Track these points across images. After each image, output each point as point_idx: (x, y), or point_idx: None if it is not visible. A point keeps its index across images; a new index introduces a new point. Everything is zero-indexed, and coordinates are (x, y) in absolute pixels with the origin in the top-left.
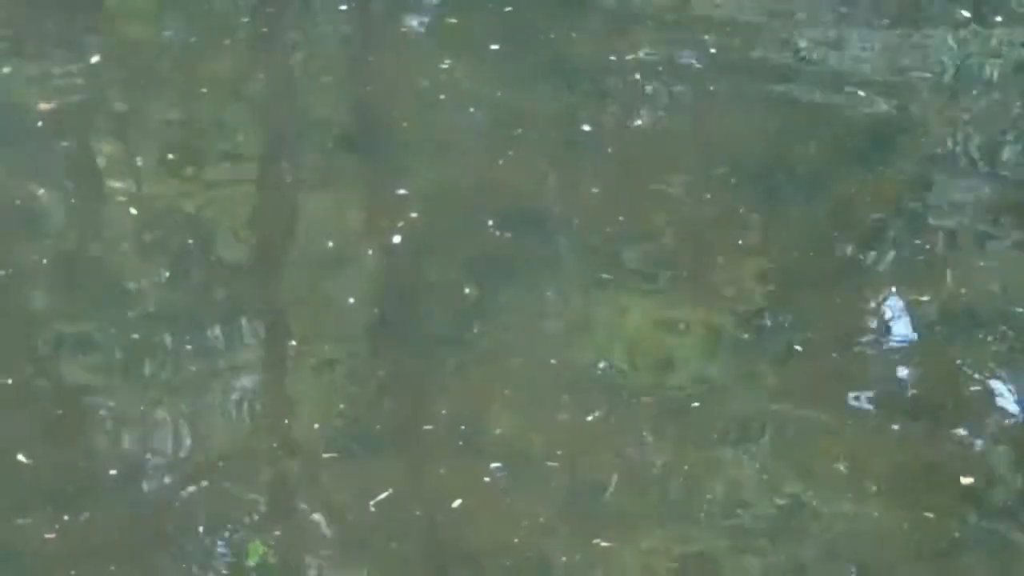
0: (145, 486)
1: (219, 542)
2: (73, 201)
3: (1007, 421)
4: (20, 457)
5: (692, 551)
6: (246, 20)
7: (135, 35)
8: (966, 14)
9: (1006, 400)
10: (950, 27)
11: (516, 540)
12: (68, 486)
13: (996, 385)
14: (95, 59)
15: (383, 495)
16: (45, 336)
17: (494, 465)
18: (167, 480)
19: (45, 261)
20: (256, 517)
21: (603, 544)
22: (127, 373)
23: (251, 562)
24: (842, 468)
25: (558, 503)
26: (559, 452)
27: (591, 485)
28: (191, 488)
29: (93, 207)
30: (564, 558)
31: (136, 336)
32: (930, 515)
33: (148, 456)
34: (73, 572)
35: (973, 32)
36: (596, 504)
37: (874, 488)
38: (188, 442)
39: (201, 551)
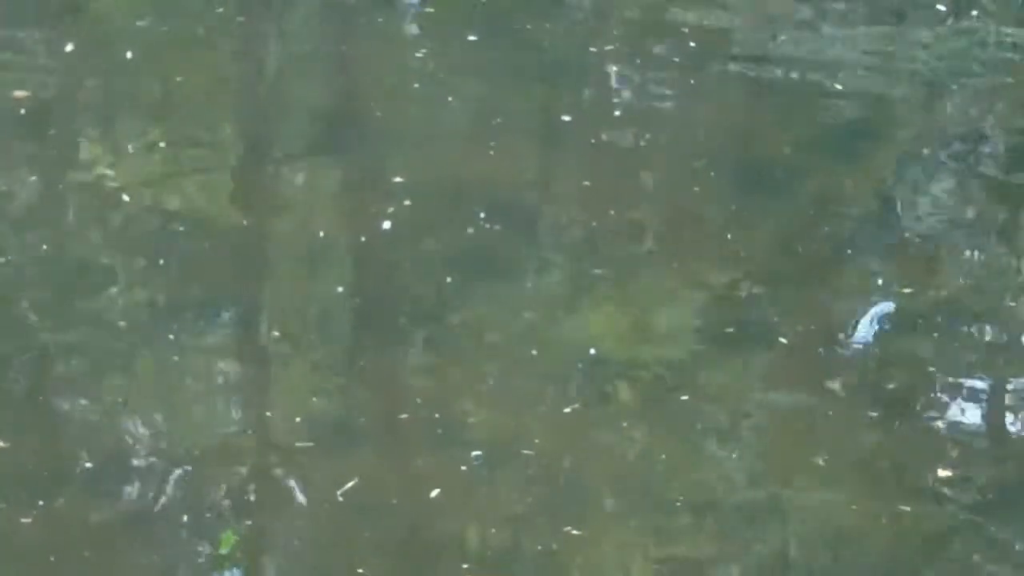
0: (120, 473)
1: (192, 531)
2: (50, 189)
3: (985, 414)
4: None
5: (669, 542)
6: (221, 10)
7: (110, 24)
8: (942, 8)
9: (984, 393)
10: (927, 20)
11: (494, 530)
12: (43, 472)
13: (975, 378)
14: (70, 47)
15: (360, 484)
16: (22, 323)
17: (474, 454)
18: (142, 468)
19: (22, 248)
20: (230, 506)
21: (581, 534)
22: (104, 361)
23: (223, 551)
24: (820, 461)
25: (537, 493)
26: (538, 442)
27: (570, 475)
28: (166, 476)
29: (70, 195)
30: (541, 547)
31: (114, 323)
32: (907, 508)
33: (123, 443)
34: (52, 558)
35: (950, 25)
36: (574, 494)
37: (852, 480)
38: (164, 430)
39: (174, 539)
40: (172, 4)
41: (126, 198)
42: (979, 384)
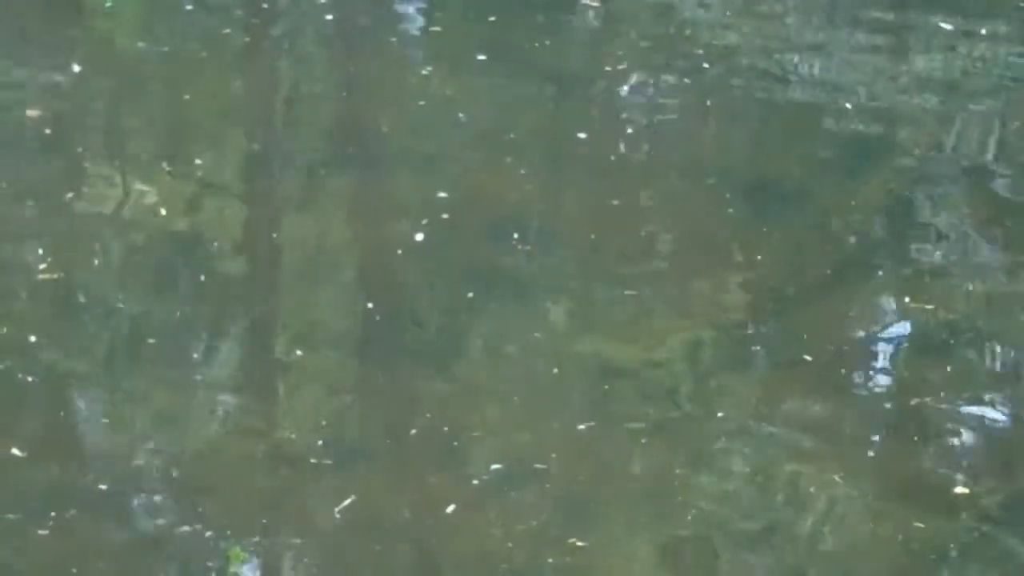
0: (131, 489)
1: (201, 548)
2: (58, 208)
3: (998, 431)
4: (15, 451)
5: (683, 558)
6: (228, 31)
7: (116, 45)
8: (948, 27)
9: (997, 410)
10: (935, 39)
11: (509, 544)
12: (58, 484)
13: (987, 395)
14: (77, 68)
15: (375, 501)
16: (33, 348)
17: (493, 468)
18: (153, 484)
19: (33, 270)
20: (241, 523)
21: (594, 550)
22: (116, 382)
23: (233, 569)
24: (836, 478)
25: (549, 510)
26: (552, 459)
27: (583, 492)
28: (176, 494)
29: (79, 215)
30: (554, 563)
31: (124, 346)
32: (921, 525)
33: (135, 461)
34: (64, 572)
35: (958, 44)
36: (587, 511)
37: (866, 498)
38: (175, 448)
39: (184, 557)
40: (178, 25)
41: (136, 217)
42: (994, 401)
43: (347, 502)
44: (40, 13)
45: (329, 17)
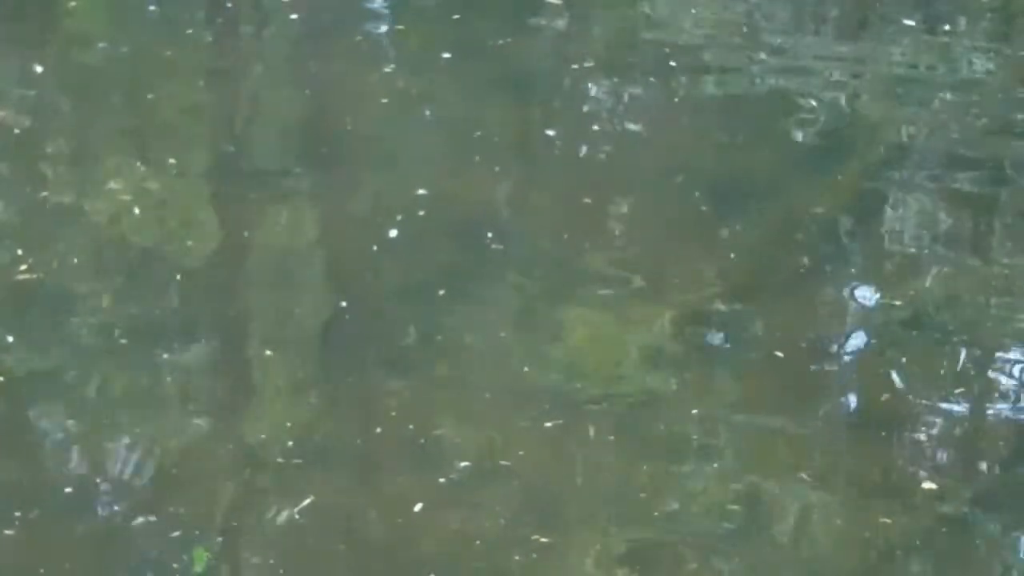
0: (96, 491)
1: (167, 548)
2: (23, 211)
3: (967, 427)
4: None
5: (650, 556)
6: (191, 31)
7: (80, 46)
8: (911, 23)
9: (965, 406)
10: (900, 36)
11: (476, 542)
12: (22, 486)
13: (956, 391)
14: (39, 69)
15: (338, 501)
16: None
17: (460, 466)
18: (119, 485)
19: (7, 270)
20: (207, 523)
21: (558, 547)
22: (81, 383)
23: (197, 569)
24: (804, 475)
25: (516, 508)
26: (519, 456)
27: (549, 490)
28: (142, 494)
29: (46, 218)
30: (520, 560)
31: (93, 345)
32: (888, 521)
33: (100, 461)
34: (41, 571)
35: (922, 41)
36: (553, 508)
37: (834, 494)
38: (142, 448)
39: (149, 557)
40: (143, 26)
41: (103, 219)
42: (962, 397)
43: (314, 501)
44: (2, 14)
45: (294, 16)
